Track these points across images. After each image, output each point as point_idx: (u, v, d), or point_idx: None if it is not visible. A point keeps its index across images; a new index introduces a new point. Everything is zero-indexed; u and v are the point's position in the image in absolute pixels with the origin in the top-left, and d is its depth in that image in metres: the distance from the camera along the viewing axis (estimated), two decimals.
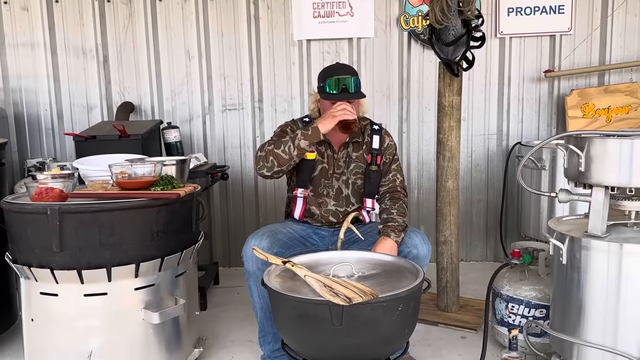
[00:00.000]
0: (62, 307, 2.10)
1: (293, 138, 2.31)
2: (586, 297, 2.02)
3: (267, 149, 2.35)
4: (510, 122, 3.97)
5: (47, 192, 2.09)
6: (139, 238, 2.09)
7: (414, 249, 2.32)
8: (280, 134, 2.50)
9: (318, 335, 1.76)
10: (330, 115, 2.28)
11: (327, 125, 2.28)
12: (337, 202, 2.56)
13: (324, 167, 2.55)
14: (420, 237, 2.37)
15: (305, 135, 2.29)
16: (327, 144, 2.54)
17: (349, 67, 2.53)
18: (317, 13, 3.86)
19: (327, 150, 2.55)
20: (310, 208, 2.58)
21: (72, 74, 3.98)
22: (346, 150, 2.56)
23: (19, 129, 4.02)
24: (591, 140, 1.97)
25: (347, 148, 2.56)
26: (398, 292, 1.74)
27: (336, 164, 2.55)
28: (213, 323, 3.04)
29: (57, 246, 2.00)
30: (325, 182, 2.55)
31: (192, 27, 3.91)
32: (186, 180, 2.50)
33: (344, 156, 2.56)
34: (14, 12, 3.91)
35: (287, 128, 2.55)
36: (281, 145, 2.32)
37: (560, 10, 3.79)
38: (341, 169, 2.56)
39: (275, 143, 2.35)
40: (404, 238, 2.36)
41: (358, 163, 2.56)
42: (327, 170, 2.55)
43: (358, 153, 2.57)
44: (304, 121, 2.60)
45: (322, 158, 2.54)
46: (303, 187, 2.55)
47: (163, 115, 3.97)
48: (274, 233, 2.39)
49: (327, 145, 2.55)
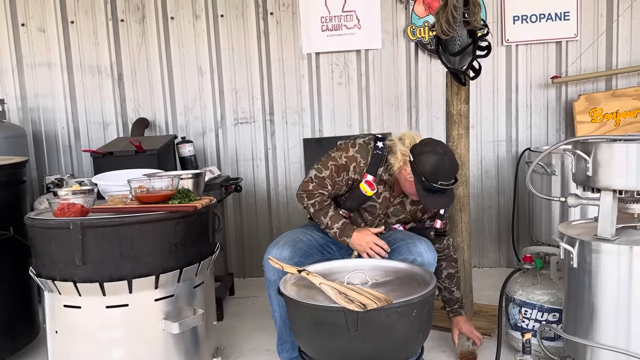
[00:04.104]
0: (85, 319, 2.16)
1: (327, 221, 2.32)
2: (598, 299, 2.04)
3: (307, 203, 2.37)
4: (519, 129, 4.00)
5: (69, 207, 2.16)
6: (158, 250, 2.16)
7: (418, 257, 2.33)
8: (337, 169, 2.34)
9: (334, 342, 1.81)
10: (366, 248, 2.28)
11: (357, 248, 2.31)
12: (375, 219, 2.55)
13: (375, 206, 2.48)
14: (425, 245, 2.37)
15: (335, 235, 2.33)
16: (389, 186, 2.44)
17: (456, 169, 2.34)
18: (325, 27, 3.93)
19: (386, 192, 2.45)
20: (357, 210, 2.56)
21: (88, 92, 4.08)
22: (402, 200, 2.50)
23: (37, 147, 4.14)
24: (598, 145, 2.01)
25: (404, 197, 2.49)
26: (412, 297, 1.79)
27: (387, 208, 2.50)
28: (230, 333, 3.09)
29: (80, 259, 2.06)
30: (369, 217, 2.52)
31: (203, 43, 4.00)
32: (202, 193, 2.57)
33: (398, 204, 2.51)
34: (32, 33, 4.03)
35: (351, 164, 2.35)
36: (319, 214, 2.35)
37: (566, 17, 3.83)
38: (389, 215, 2.53)
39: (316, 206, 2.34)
40: (410, 246, 2.37)
41: (406, 216, 2.54)
42: (376, 209, 2.49)
43: (412, 207, 2.52)
44: (377, 149, 2.36)
45: (377, 198, 2.44)
46: (348, 210, 2.50)
47: (177, 130, 4.06)
48: (295, 242, 2.41)
49: (388, 188, 2.45)
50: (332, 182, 2.36)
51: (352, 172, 2.35)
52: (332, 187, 2.37)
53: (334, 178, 2.36)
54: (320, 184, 2.36)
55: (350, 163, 2.35)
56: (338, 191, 2.41)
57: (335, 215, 2.36)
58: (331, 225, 2.34)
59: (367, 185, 2.36)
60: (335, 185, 2.38)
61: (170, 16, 3.98)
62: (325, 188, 2.36)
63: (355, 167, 2.35)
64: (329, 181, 2.35)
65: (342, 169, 2.35)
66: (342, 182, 2.37)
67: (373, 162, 2.35)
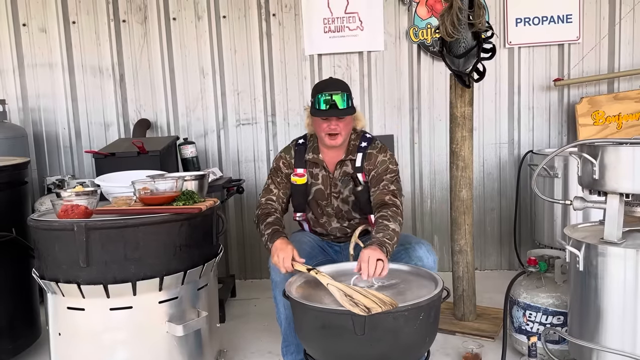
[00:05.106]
0: (89, 321, 2.14)
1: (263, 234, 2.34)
2: (604, 303, 2.04)
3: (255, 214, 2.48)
4: (521, 131, 4.00)
5: (72, 209, 2.15)
6: (162, 252, 2.14)
7: (419, 262, 2.31)
8: (274, 173, 2.57)
9: (341, 345, 1.80)
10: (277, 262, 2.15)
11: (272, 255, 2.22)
12: (339, 219, 2.57)
13: (320, 189, 2.52)
14: (424, 249, 2.35)
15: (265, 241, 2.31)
16: (320, 165, 2.51)
17: (340, 83, 2.48)
18: (328, 28, 3.93)
19: (322, 171, 2.52)
20: (316, 230, 2.62)
21: (90, 93, 4.07)
22: (342, 169, 2.51)
23: (38, 148, 4.12)
24: (605, 148, 2.01)
25: (342, 167, 2.51)
26: (419, 301, 1.78)
27: (332, 183, 2.52)
28: (232, 335, 3.08)
29: (84, 261, 2.05)
30: (322, 202, 2.54)
31: (205, 44, 3.99)
32: (205, 195, 2.56)
33: (339, 174, 2.51)
34: (33, 34, 4.02)
35: (280, 163, 2.56)
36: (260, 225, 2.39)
37: (568, 20, 3.84)
38: (338, 187, 2.52)
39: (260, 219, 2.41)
40: (409, 251, 2.34)
41: (356, 180, 2.49)
42: (323, 191, 2.52)
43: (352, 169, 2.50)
44: (299, 144, 2.57)
45: (316, 180, 2.52)
46: (300, 211, 2.59)
47: (179, 131, 4.05)
48: (300, 243, 2.42)
49: (321, 167, 2.52)
50: (275, 184, 2.55)
51: (283, 167, 2.56)
52: (277, 189, 2.54)
53: (274, 180, 2.55)
54: (267, 192, 2.55)
55: (279, 162, 2.58)
56: (285, 190, 2.55)
57: (270, 223, 2.36)
58: (264, 234, 2.34)
59: (296, 176, 2.52)
60: (278, 185, 2.54)
61: (173, 17, 3.97)
62: (271, 193, 2.53)
63: (284, 162, 2.56)
64: (273, 185, 2.55)
65: (277, 170, 2.57)
66: (282, 180, 2.55)
67: (298, 155, 2.55)
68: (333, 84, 2.46)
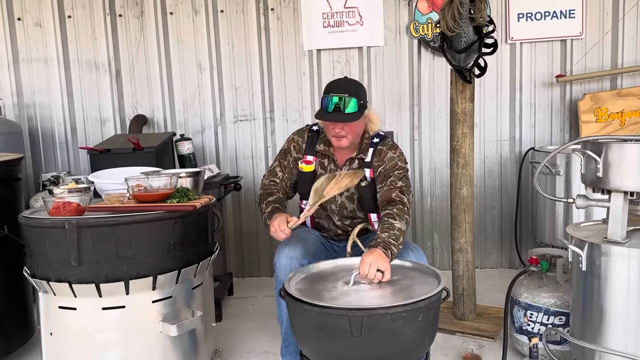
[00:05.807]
0: (81, 320, 2.10)
1: (263, 212, 2.38)
2: (607, 303, 2.00)
3: (259, 194, 2.51)
4: (522, 128, 3.95)
5: (64, 206, 2.11)
6: (156, 250, 2.10)
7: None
8: (282, 155, 2.55)
9: (337, 347, 1.76)
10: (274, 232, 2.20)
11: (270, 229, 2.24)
12: (341, 217, 2.53)
13: None
14: (413, 255, 2.28)
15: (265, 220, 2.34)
16: (331, 158, 2.49)
17: (351, 85, 2.37)
18: (327, 23, 3.87)
19: (331, 165, 2.50)
20: (319, 222, 2.57)
21: (85, 88, 4.02)
22: (351, 166, 2.49)
23: (33, 144, 4.07)
24: (608, 146, 1.96)
25: (352, 164, 2.49)
26: (417, 300, 1.74)
27: None
28: (229, 334, 3.04)
29: (76, 260, 2.01)
30: None
31: (203, 39, 3.94)
32: (201, 192, 2.51)
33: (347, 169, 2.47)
34: (28, 28, 3.97)
35: (291, 145, 2.54)
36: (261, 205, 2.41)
37: (571, 15, 3.78)
38: None
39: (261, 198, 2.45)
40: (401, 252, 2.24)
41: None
42: None
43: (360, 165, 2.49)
44: (312, 131, 2.54)
45: (325, 172, 2.48)
46: (307, 199, 2.47)
47: (175, 127, 4.00)
48: (304, 241, 2.37)
49: (331, 160, 2.49)
50: (281, 167, 2.54)
51: (293, 151, 2.54)
52: (282, 172, 2.53)
53: (282, 163, 2.54)
54: (272, 174, 2.55)
55: (290, 144, 2.56)
56: (290, 174, 2.54)
57: (271, 202, 2.40)
58: (264, 212, 2.38)
59: (304, 164, 2.50)
60: (285, 169, 2.53)
61: (170, 11, 3.92)
62: (276, 175, 2.53)
63: (295, 146, 2.54)
64: (279, 168, 2.54)
65: (287, 152, 2.55)
66: (289, 164, 2.54)
67: (310, 141, 2.52)
68: (343, 85, 2.36)
